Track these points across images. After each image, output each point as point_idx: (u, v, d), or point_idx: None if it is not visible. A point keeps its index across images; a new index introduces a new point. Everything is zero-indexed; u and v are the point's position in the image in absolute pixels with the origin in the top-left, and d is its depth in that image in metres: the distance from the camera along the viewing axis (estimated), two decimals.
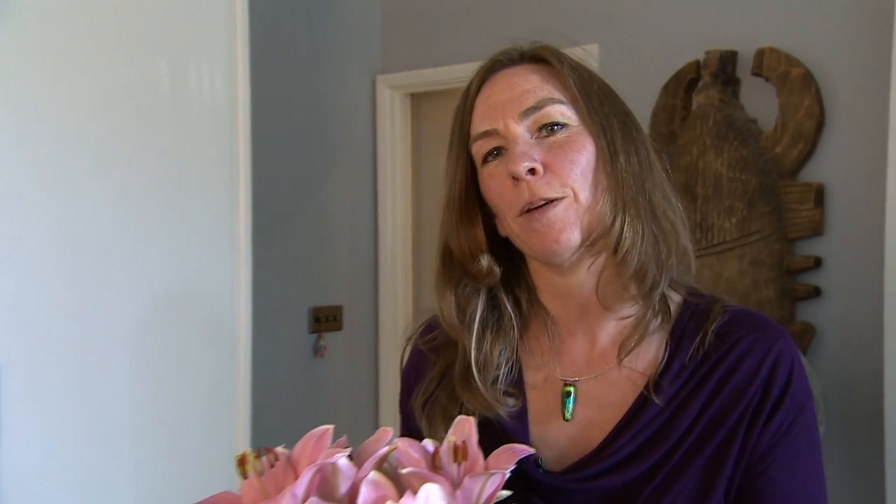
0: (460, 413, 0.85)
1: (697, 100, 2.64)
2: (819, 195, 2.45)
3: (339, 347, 3.16)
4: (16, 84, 1.89)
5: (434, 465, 0.60)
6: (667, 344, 0.89)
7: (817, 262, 2.45)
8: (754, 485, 0.87)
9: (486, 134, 0.88)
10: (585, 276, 0.90)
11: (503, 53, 0.93)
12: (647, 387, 0.87)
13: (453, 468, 0.59)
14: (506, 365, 0.94)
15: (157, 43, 2.17)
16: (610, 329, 0.92)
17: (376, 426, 3.11)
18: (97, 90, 2.03)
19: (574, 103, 0.87)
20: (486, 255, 0.93)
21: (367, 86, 3.32)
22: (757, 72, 2.55)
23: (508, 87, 0.89)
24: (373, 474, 0.55)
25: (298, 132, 3.06)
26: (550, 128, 0.85)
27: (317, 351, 3.08)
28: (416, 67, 3.21)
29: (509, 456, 0.58)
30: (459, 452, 0.59)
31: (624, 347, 0.88)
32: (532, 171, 0.83)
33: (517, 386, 0.95)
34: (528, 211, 0.85)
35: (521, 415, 0.94)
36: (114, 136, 2.06)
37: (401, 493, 0.52)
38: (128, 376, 1.59)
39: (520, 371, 0.97)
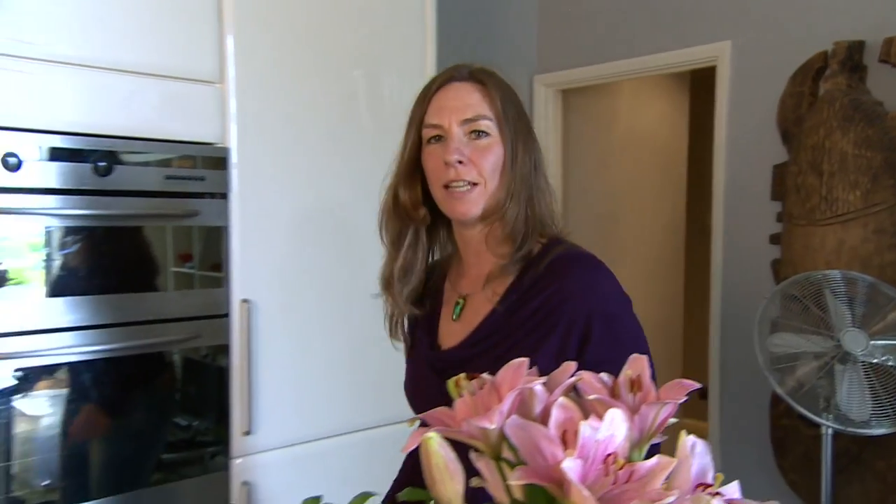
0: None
1: (825, 86, 2.75)
2: None
3: None
4: (273, 91, 2.24)
5: (613, 394, 0.64)
6: (517, 274, 1.20)
7: None
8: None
9: (435, 126, 1.19)
10: (479, 231, 1.24)
11: (457, 69, 1.23)
12: (498, 302, 1.19)
13: (629, 397, 0.63)
14: (415, 283, 1.30)
15: (360, 55, 2.43)
16: (490, 264, 1.22)
17: None
18: (328, 96, 2.37)
19: (496, 120, 1.18)
20: (422, 206, 1.26)
21: (525, 85, 3.55)
22: (885, 59, 2.64)
23: (457, 98, 1.19)
24: (562, 399, 0.58)
25: None
26: (478, 134, 1.18)
27: None
28: (567, 67, 3.42)
29: (679, 389, 0.61)
30: (635, 385, 0.63)
31: (489, 277, 1.21)
32: (460, 161, 1.15)
33: (436, 298, 1.33)
34: (447, 187, 1.18)
35: (434, 316, 1.32)
36: (340, 135, 2.39)
37: (585, 417, 0.55)
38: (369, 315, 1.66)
39: (441, 290, 1.34)
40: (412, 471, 1.29)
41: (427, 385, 1.27)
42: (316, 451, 2.34)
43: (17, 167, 1.80)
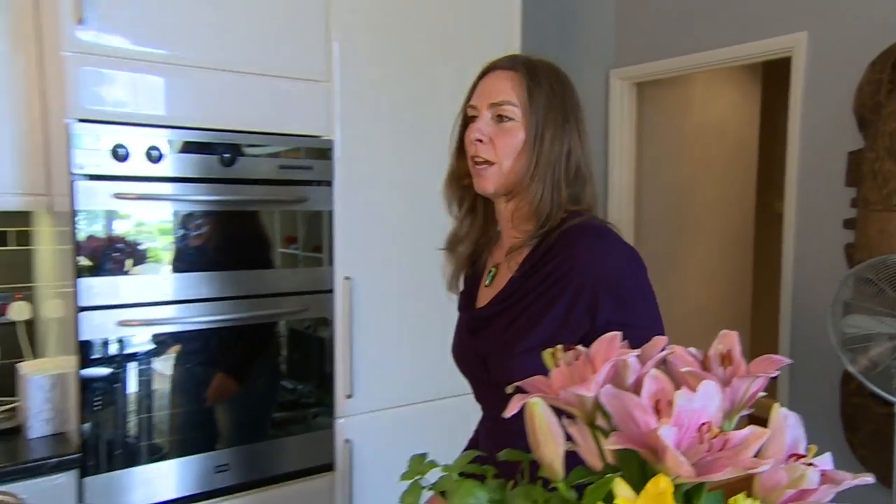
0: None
1: None
2: None
3: None
4: (372, 88, 2.28)
5: (704, 367, 0.62)
6: (534, 246, 1.21)
7: None
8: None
9: (472, 107, 1.24)
10: (505, 207, 1.27)
11: (504, 59, 1.25)
12: (516, 271, 1.21)
13: (720, 371, 0.62)
14: (467, 245, 1.35)
15: (449, 53, 2.43)
16: (514, 235, 1.25)
17: None
18: (420, 91, 2.39)
19: (521, 106, 1.18)
20: (468, 177, 1.27)
21: (601, 79, 3.51)
22: None
23: (492, 84, 1.22)
24: (654, 371, 0.58)
25: None
26: (502, 118, 1.19)
27: None
28: (643, 61, 3.36)
29: (769, 364, 0.60)
30: (726, 359, 0.62)
31: (510, 249, 1.23)
32: (480, 140, 1.19)
33: (480, 266, 1.37)
34: (473, 162, 1.22)
35: (476, 282, 1.37)
36: (430, 127, 2.36)
37: (676, 388, 0.53)
38: None
39: (484, 259, 1.38)
40: (484, 436, 1.36)
41: (462, 342, 1.34)
42: (409, 415, 2.42)
43: (158, 159, 1.90)
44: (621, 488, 0.50)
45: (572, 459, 0.65)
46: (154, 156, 1.89)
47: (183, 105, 1.97)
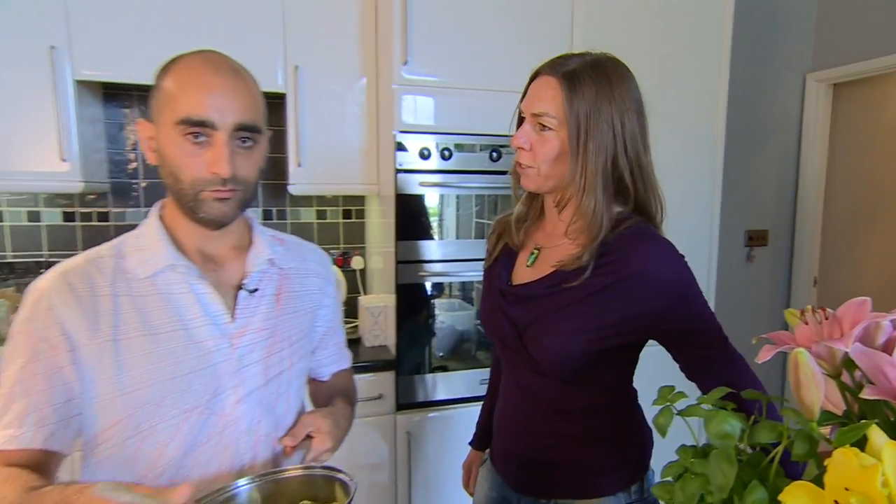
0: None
1: None
2: None
3: (764, 257, 3.21)
4: None
5: None
6: (590, 244, 0.98)
7: None
8: (666, 330, 0.98)
9: (521, 111, 1.03)
10: (550, 201, 1.06)
11: (550, 63, 1.00)
12: (570, 263, 0.98)
13: None
14: (527, 226, 1.12)
15: (660, 66, 2.24)
16: (560, 227, 1.04)
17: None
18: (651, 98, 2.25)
19: (559, 118, 0.95)
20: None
21: (798, 82, 3.09)
22: None
23: (536, 92, 0.99)
24: None
25: (743, 116, 2.94)
26: (542, 126, 0.98)
27: (748, 258, 3.16)
28: (840, 64, 2.91)
29: None
30: None
31: (562, 240, 1.02)
32: (522, 147, 1.00)
33: (517, 244, 1.13)
34: (517, 163, 1.03)
35: (513, 257, 1.13)
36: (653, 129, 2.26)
37: None
38: None
39: (521, 238, 1.13)
40: (504, 386, 1.18)
41: (494, 308, 1.10)
42: None
43: (448, 157, 2.00)
44: (876, 434, 0.47)
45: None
46: (446, 155, 1.99)
47: (464, 117, 2.01)
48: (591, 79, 0.95)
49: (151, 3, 1.95)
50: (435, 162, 1.99)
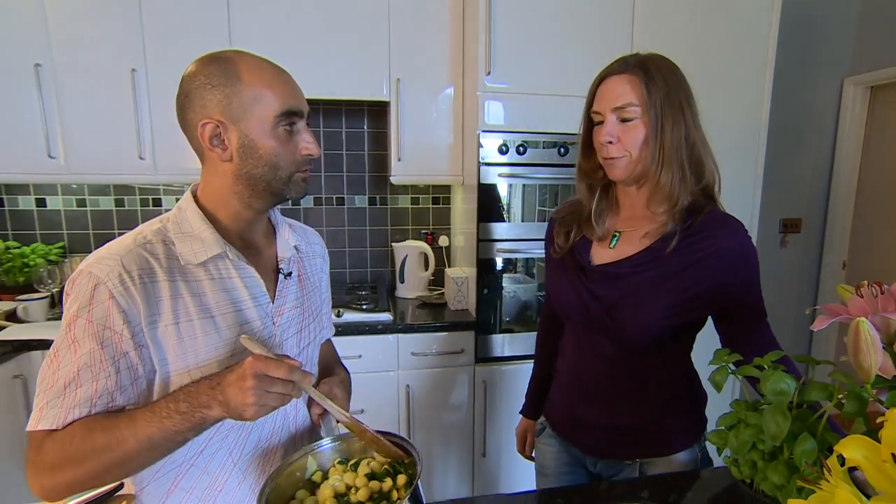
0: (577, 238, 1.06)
1: None
2: None
3: (796, 242, 3.01)
4: None
5: None
6: (674, 226, 0.94)
7: None
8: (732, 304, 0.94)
9: (596, 113, 0.96)
10: (635, 190, 0.99)
11: (618, 63, 0.95)
12: (656, 244, 0.95)
13: None
14: (603, 218, 1.04)
15: (706, 72, 2.11)
16: (645, 213, 0.98)
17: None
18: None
19: (641, 105, 0.91)
20: (599, 169, 1.01)
21: (836, 87, 2.83)
22: None
23: (611, 90, 0.93)
24: None
25: (783, 116, 2.75)
26: (624, 119, 0.92)
27: (782, 243, 2.98)
28: (880, 67, 2.63)
29: None
30: None
31: (646, 224, 0.97)
32: (610, 142, 0.93)
33: (591, 230, 1.04)
34: (605, 158, 0.96)
35: (589, 241, 1.04)
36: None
37: None
38: None
39: (592, 225, 1.04)
40: (579, 357, 1.09)
41: (574, 287, 1.02)
42: None
43: (524, 152, 1.97)
44: None
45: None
46: (521, 150, 1.96)
47: (533, 118, 1.97)
48: (659, 69, 0.92)
49: (293, 33, 2.02)
50: (511, 156, 1.97)
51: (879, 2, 2.69)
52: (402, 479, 0.75)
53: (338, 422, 0.83)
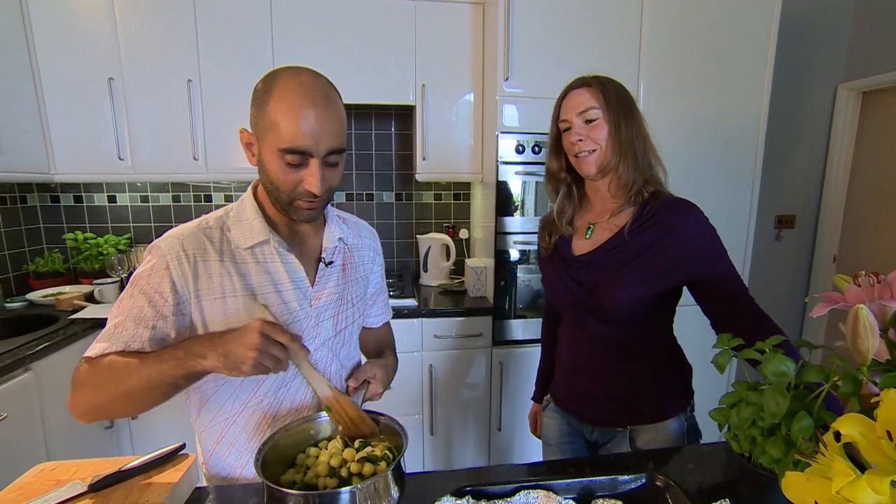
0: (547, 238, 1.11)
1: None
2: None
3: (790, 237, 2.94)
4: (673, 98, 2.00)
5: None
6: (635, 212, 0.99)
7: None
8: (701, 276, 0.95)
9: (564, 121, 1.01)
10: (602, 182, 1.03)
11: (577, 82, 1.01)
12: (622, 229, 0.99)
13: None
14: (568, 216, 1.08)
15: (711, 74, 2.04)
16: (611, 204, 1.03)
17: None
18: (699, 104, 2.03)
19: (601, 108, 0.97)
20: (564, 171, 1.06)
21: (829, 93, 2.73)
22: None
23: (575, 99, 1.00)
24: None
25: (779, 120, 2.67)
26: (588, 120, 0.98)
27: (777, 238, 2.92)
28: (873, 74, 2.54)
29: None
30: None
31: (612, 213, 1.01)
32: (580, 140, 0.98)
33: (571, 223, 1.09)
34: (576, 156, 1.00)
35: (571, 237, 1.08)
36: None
37: None
38: None
39: (571, 224, 1.08)
40: (575, 343, 1.11)
41: (561, 277, 1.06)
42: None
43: (538, 152, 1.95)
44: None
45: None
46: (536, 150, 1.94)
47: (547, 120, 1.93)
48: (611, 83, 1.00)
49: (329, 45, 2.03)
50: (527, 155, 1.95)
51: (872, 10, 2.60)
52: (368, 468, 0.71)
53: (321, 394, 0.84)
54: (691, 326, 1.18)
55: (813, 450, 0.55)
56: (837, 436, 0.49)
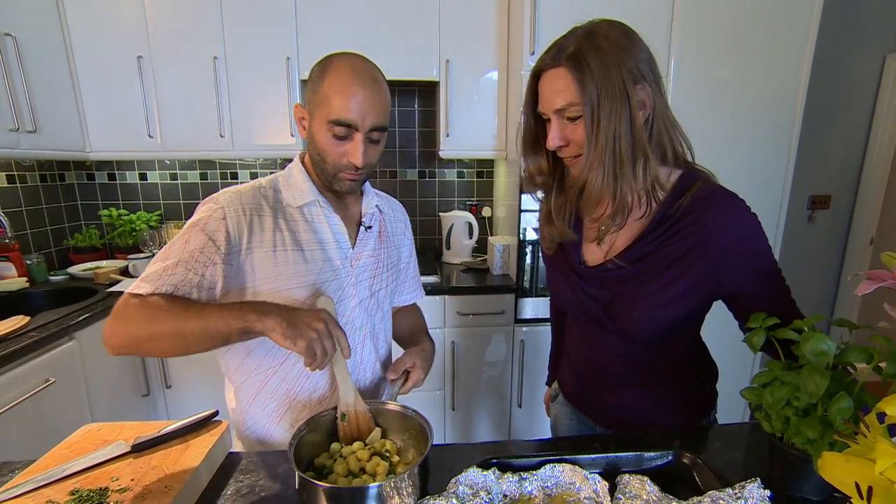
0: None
1: None
2: None
3: (824, 219, 2.83)
4: (700, 79, 1.91)
5: None
6: (658, 210, 0.80)
7: None
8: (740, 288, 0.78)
9: (542, 113, 0.80)
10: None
11: (549, 54, 0.78)
12: (642, 234, 0.81)
13: None
14: (568, 216, 0.89)
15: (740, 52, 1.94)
16: (610, 206, 0.80)
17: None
18: (733, 89, 1.93)
19: (582, 103, 0.74)
20: (544, 174, 0.87)
21: (878, 63, 2.59)
22: None
23: (549, 88, 0.77)
24: None
25: (820, 93, 2.55)
26: (569, 118, 0.77)
27: (809, 219, 2.82)
28: None
29: None
30: None
31: (615, 216, 0.80)
32: (561, 146, 0.79)
33: (578, 229, 0.90)
34: (564, 157, 0.81)
35: (580, 241, 0.90)
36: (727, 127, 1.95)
37: None
38: None
39: (580, 223, 0.91)
40: (584, 348, 0.98)
41: (572, 288, 0.90)
42: None
43: None
44: None
45: None
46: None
47: None
48: (594, 51, 0.74)
49: (351, 21, 2.01)
50: None
51: None
52: (382, 467, 0.73)
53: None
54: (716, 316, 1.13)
55: (853, 430, 0.53)
56: (881, 417, 0.48)
